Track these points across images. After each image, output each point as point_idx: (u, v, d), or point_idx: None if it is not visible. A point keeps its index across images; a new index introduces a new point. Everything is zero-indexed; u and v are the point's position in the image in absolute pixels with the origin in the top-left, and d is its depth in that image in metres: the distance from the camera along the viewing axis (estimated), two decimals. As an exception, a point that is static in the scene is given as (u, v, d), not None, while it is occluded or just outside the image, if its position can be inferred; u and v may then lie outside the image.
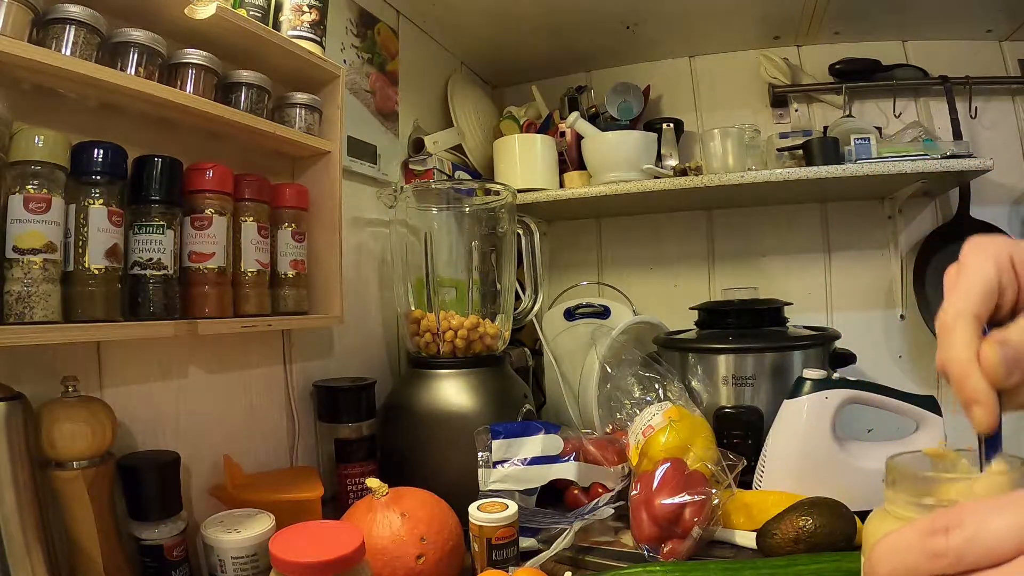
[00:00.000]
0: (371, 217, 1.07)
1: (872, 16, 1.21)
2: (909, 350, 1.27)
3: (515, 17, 1.23)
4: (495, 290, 1.03)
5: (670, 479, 0.75)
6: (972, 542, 0.24)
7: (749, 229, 1.38)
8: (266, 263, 0.76)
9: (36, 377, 0.57)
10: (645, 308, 1.29)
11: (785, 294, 1.15)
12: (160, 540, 0.62)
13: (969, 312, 0.31)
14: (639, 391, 1.00)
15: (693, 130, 1.40)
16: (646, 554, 0.73)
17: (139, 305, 0.62)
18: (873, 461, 0.81)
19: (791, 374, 0.93)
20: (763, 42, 1.34)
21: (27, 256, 0.53)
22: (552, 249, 1.50)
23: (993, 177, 1.12)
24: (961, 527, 0.24)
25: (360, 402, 0.90)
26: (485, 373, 0.94)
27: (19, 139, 0.53)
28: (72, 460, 0.55)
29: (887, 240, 1.28)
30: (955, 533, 0.24)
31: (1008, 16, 1.18)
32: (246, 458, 0.78)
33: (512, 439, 0.83)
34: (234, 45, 0.72)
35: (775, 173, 1.09)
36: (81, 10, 0.56)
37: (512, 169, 1.27)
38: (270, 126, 0.75)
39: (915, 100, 1.28)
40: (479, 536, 0.68)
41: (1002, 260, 0.31)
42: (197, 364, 0.75)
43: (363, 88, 1.05)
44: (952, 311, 0.31)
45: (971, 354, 0.30)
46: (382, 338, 1.10)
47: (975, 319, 0.30)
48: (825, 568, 0.62)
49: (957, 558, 0.24)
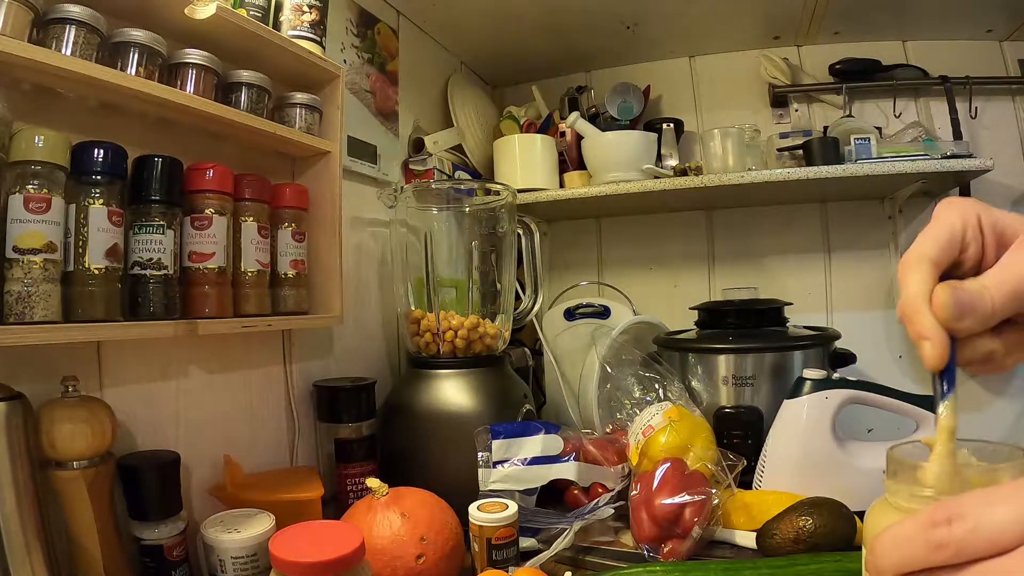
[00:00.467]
0: (371, 217, 1.07)
1: (872, 16, 1.21)
2: (909, 350, 1.27)
3: (515, 17, 1.23)
4: (495, 290, 1.03)
5: (670, 479, 0.75)
6: (974, 533, 0.24)
7: (749, 229, 1.38)
8: (266, 263, 0.76)
9: (36, 377, 0.57)
10: (645, 308, 1.28)
11: (785, 294, 1.15)
12: (160, 540, 0.62)
13: (929, 256, 0.31)
14: (639, 391, 1.00)
15: (693, 130, 1.40)
16: (646, 554, 0.73)
17: (139, 305, 0.62)
18: (873, 461, 0.81)
19: (791, 374, 0.93)
20: (763, 42, 1.34)
21: (27, 256, 0.53)
22: (552, 249, 1.50)
23: (993, 177, 1.12)
24: (963, 518, 0.24)
25: (360, 402, 0.89)
26: (485, 373, 0.94)
27: (19, 139, 0.53)
28: (72, 460, 0.55)
29: (887, 240, 1.28)
30: (957, 524, 0.24)
31: (1008, 16, 1.18)
32: (246, 458, 0.78)
33: (512, 439, 0.83)
34: (234, 45, 0.72)
35: (775, 173, 1.09)
36: (81, 10, 0.56)
37: (512, 169, 1.27)
38: (270, 126, 0.75)
39: (915, 100, 1.28)
40: (479, 536, 0.68)
41: (969, 216, 0.32)
42: (197, 364, 0.75)
43: (363, 88, 1.05)
44: (914, 254, 0.32)
45: (924, 292, 0.31)
46: (382, 338, 1.10)
47: (934, 264, 0.31)
48: (825, 568, 0.62)
49: (959, 549, 0.24)
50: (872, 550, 0.27)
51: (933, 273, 0.31)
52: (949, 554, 0.24)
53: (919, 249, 0.32)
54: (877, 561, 0.27)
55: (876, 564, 0.27)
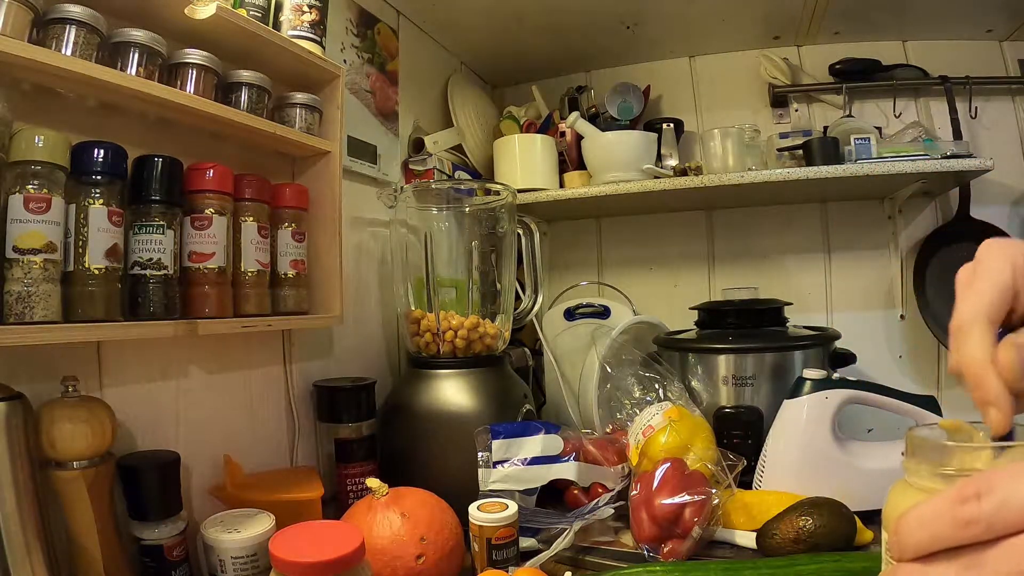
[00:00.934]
0: (371, 217, 1.07)
1: (872, 16, 1.21)
2: (909, 350, 1.27)
3: (515, 17, 1.23)
4: (495, 290, 1.03)
5: (670, 479, 0.75)
6: (1004, 507, 0.23)
7: (749, 229, 1.38)
8: (266, 263, 0.76)
9: (36, 377, 0.57)
10: (645, 308, 1.28)
11: (785, 294, 1.15)
12: (160, 540, 0.62)
13: (985, 314, 0.30)
14: (639, 391, 1.00)
15: (693, 130, 1.40)
16: (646, 554, 0.73)
17: (139, 305, 0.62)
18: (873, 461, 0.81)
19: (791, 374, 0.93)
20: (763, 42, 1.34)
21: (27, 256, 0.53)
22: (552, 249, 1.50)
23: (993, 177, 1.12)
24: (991, 492, 0.24)
25: (360, 402, 0.90)
26: (485, 373, 0.94)
27: (19, 139, 0.53)
28: (72, 460, 0.55)
29: (887, 240, 1.28)
30: (987, 499, 0.23)
31: (1008, 16, 1.18)
32: (246, 458, 0.78)
33: (512, 439, 0.83)
34: (234, 45, 0.72)
35: (775, 173, 1.09)
36: (81, 10, 0.56)
37: (512, 169, 1.27)
38: (270, 126, 0.75)
39: (915, 100, 1.28)
40: (479, 536, 0.68)
41: (1018, 263, 0.31)
42: (197, 364, 0.75)
43: (363, 88, 1.05)
44: (969, 312, 0.31)
45: (988, 355, 0.29)
46: (382, 338, 1.10)
47: (991, 321, 0.30)
48: (825, 568, 0.62)
49: (989, 524, 0.23)
50: (896, 530, 0.26)
51: (993, 333, 0.30)
52: (979, 530, 0.23)
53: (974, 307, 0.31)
54: (902, 540, 0.26)
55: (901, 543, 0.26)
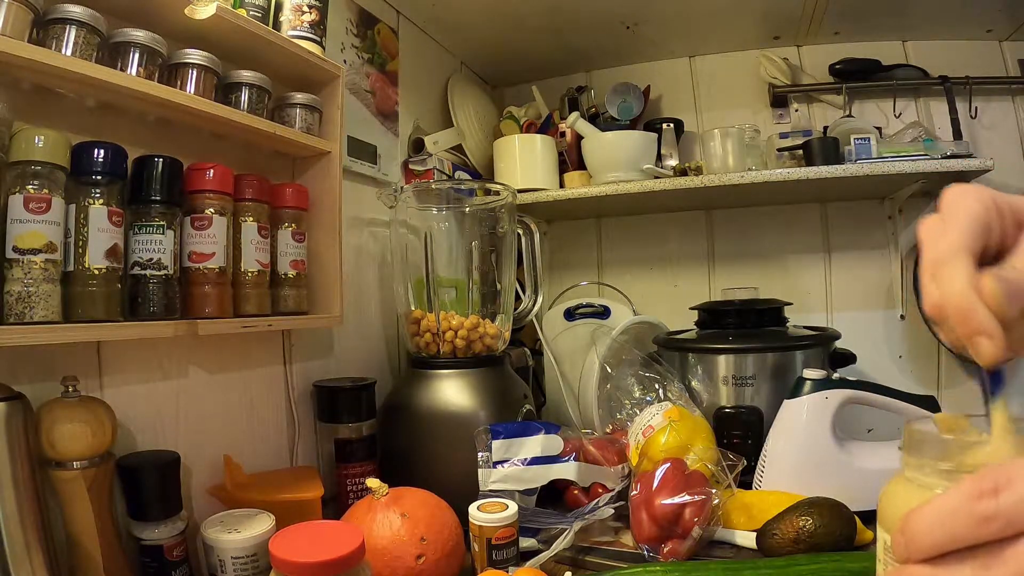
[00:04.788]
0: (371, 217, 1.07)
1: (872, 16, 1.21)
2: (909, 350, 1.27)
3: (515, 17, 1.23)
4: (495, 290, 1.03)
5: (670, 479, 0.75)
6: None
7: (749, 229, 1.38)
8: (266, 263, 0.76)
9: (36, 377, 0.57)
10: (645, 308, 1.29)
11: (785, 294, 1.15)
12: (160, 540, 0.62)
13: (965, 246, 0.29)
14: (639, 391, 1.00)
15: (693, 130, 1.40)
16: (646, 554, 0.73)
17: (139, 305, 0.62)
18: (873, 461, 0.81)
19: (791, 374, 0.93)
20: (763, 42, 1.34)
21: (27, 256, 0.53)
22: (552, 249, 1.50)
23: (993, 177, 1.12)
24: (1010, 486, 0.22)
25: (360, 402, 0.90)
26: (485, 373, 0.94)
27: (19, 139, 0.53)
28: (72, 460, 0.55)
29: (887, 240, 1.28)
30: (1005, 494, 0.22)
31: (1008, 16, 1.18)
32: (246, 458, 0.78)
33: (512, 439, 0.83)
34: (234, 45, 0.72)
35: (775, 173, 1.09)
36: (81, 10, 0.56)
37: (512, 169, 1.27)
38: (270, 126, 0.75)
39: (915, 100, 1.28)
40: (479, 536, 0.68)
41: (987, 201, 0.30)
42: (197, 364, 0.75)
43: (363, 88, 1.05)
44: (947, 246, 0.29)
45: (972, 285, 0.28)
46: (382, 338, 1.10)
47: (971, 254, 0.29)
48: (825, 568, 0.62)
49: (1008, 521, 0.22)
50: (905, 529, 0.25)
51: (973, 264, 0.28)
52: (998, 527, 0.22)
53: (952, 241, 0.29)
54: (915, 540, 0.24)
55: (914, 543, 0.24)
